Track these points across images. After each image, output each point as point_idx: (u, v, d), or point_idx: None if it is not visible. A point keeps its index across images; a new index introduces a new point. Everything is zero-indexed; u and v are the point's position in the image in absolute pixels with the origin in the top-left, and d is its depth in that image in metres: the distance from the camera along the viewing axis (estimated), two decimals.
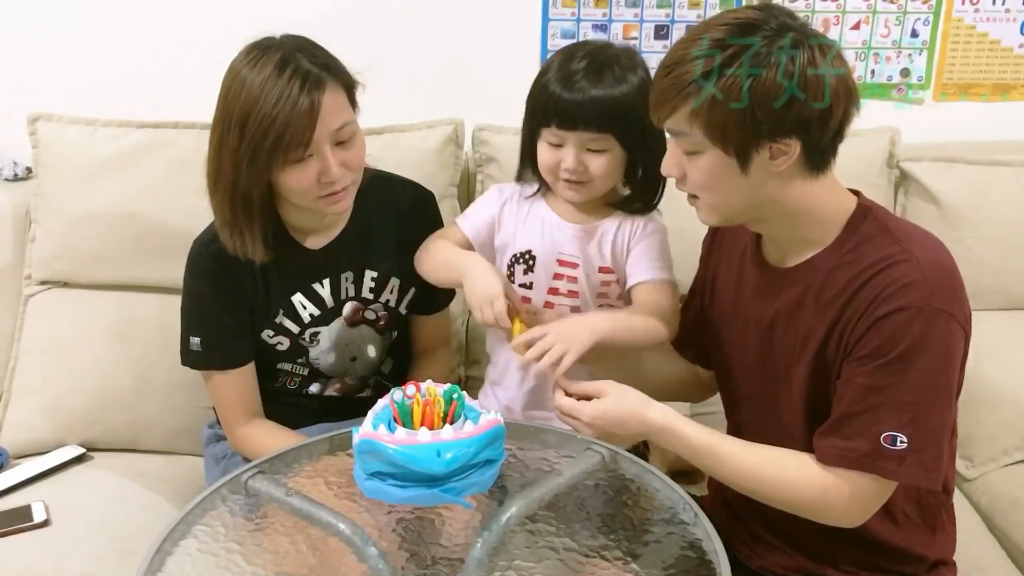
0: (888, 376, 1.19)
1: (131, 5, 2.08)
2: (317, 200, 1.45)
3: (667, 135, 1.25)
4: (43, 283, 1.99)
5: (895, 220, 1.29)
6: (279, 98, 1.35)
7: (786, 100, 1.15)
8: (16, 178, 2.08)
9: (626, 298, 1.50)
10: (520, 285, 1.50)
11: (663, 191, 1.48)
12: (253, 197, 1.44)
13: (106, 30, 2.09)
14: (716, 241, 1.48)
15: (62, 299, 1.97)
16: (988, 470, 1.84)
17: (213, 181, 1.46)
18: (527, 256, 1.48)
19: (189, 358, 1.58)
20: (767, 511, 1.31)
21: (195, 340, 1.56)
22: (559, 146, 1.40)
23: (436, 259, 1.51)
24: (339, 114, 1.41)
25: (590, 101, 1.36)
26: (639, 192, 1.47)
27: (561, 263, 1.47)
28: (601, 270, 1.47)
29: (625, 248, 1.47)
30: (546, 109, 1.39)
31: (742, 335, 1.41)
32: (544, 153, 1.43)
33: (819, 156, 1.22)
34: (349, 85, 1.45)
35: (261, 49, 1.40)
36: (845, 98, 1.19)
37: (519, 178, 1.53)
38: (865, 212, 1.27)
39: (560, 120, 1.38)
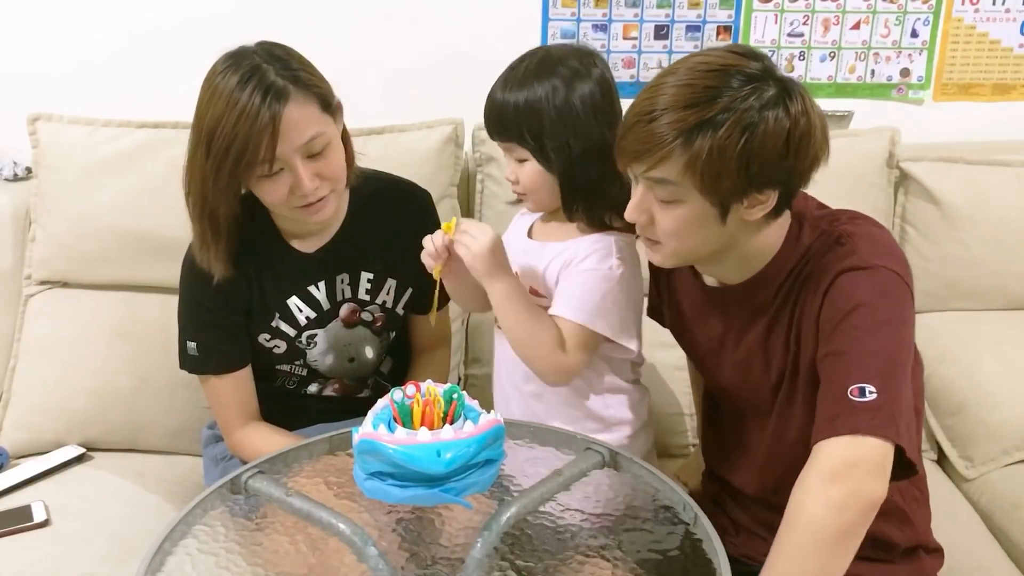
0: (844, 334, 1.18)
1: (131, 5, 2.08)
2: (295, 211, 1.44)
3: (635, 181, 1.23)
4: (43, 283, 1.99)
5: (827, 218, 1.28)
6: (240, 114, 1.33)
7: (781, 153, 1.14)
8: (16, 178, 2.08)
9: None
10: None
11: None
12: (219, 214, 1.43)
13: (106, 30, 2.09)
14: None
15: (62, 299, 1.97)
16: (988, 470, 1.84)
17: (186, 194, 1.45)
18: None
19: (187, 363, 1.58)
20: (750, 502, 1.31)
21: (191, 345, 1.56)
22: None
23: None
24: (307, 126, 1.37)
25: (493, 109, 1.35)
26: (573, 207, 1.39)
27: (520, 275, 1.44)
28: (531, 290, 1.42)
29: (556, 276, 1.40)
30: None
31: (691, 348, 1.45)
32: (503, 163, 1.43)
33: (787, 203, 1.23)
34: (322, 95, 1.41)
35: (232, 59, 1.38)
36: (826, 146, 1.19)
37: None
38: (800, 220, 1.28)
39: (487, 129, 1.39)
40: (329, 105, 1.43)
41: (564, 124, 1.32)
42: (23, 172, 2.08)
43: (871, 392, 1.14)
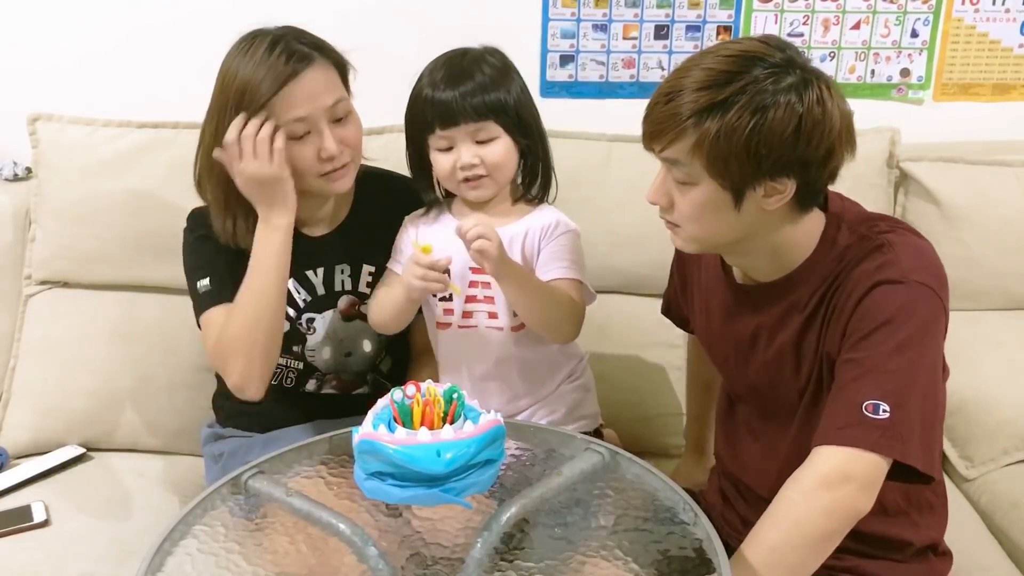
0: (869, 347, 1.18)
1: (131, 5, 2.08)
2: (319, 179, 1.47)
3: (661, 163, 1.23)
4: (43, 283, 1.99)
5: (867, 222, 1.28)
6: (268, 70, 1.40)
7: (791, 140, 1.14)
8: (16, 178, 2.08)
9: None
10: (441, 298, 1.51)
11: (555, 176, 1.53)
12: None
13: (106, 30, 2.09)
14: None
15: (62, 299, 1.97)
16: (988, 470, 1.84)
17: (207, 168, 1.48)
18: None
19: (201, 302, 1.52)
20: (759, 498, 1.31)
21: (203, 283, 1.52)
22: (449, 148, 1.44)
23: (383, 302, 1.52)
24: (332, 90, 1.46)
25: (462, 94, 1.41)
26: (532, 180, 1.51)
27: (475, 271, 1.47)
28: None
29: (535, 250, 1.48)
30: (424, 115, 1.43)
31: (719, 347, 1.44)
32: (438, 161, 1.45)
33: (810, 197, 1.22)
34: (340, 64, 1.50)
35: (253, 36, 1.45)
36: (848, 140, 1.19)
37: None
38: (838, 222, 1.27)
39: (441, 121, 1.42)
40: (347, 76, 1.51)
41: (528, 98, 1.48)
42: (23, 172, 2.08)
43: (885, 411, 1.15)
